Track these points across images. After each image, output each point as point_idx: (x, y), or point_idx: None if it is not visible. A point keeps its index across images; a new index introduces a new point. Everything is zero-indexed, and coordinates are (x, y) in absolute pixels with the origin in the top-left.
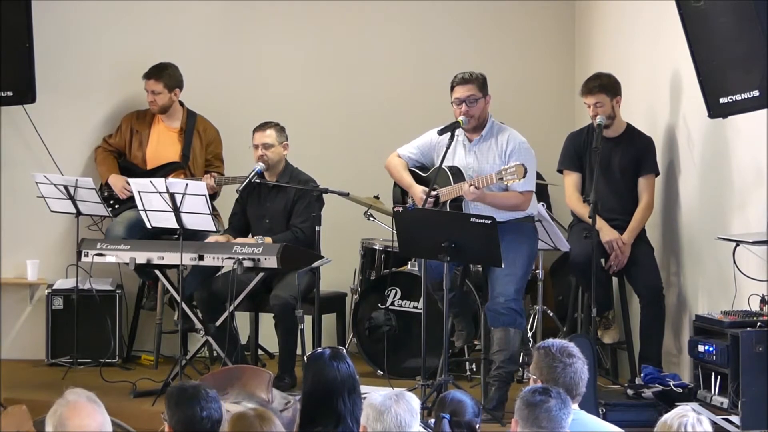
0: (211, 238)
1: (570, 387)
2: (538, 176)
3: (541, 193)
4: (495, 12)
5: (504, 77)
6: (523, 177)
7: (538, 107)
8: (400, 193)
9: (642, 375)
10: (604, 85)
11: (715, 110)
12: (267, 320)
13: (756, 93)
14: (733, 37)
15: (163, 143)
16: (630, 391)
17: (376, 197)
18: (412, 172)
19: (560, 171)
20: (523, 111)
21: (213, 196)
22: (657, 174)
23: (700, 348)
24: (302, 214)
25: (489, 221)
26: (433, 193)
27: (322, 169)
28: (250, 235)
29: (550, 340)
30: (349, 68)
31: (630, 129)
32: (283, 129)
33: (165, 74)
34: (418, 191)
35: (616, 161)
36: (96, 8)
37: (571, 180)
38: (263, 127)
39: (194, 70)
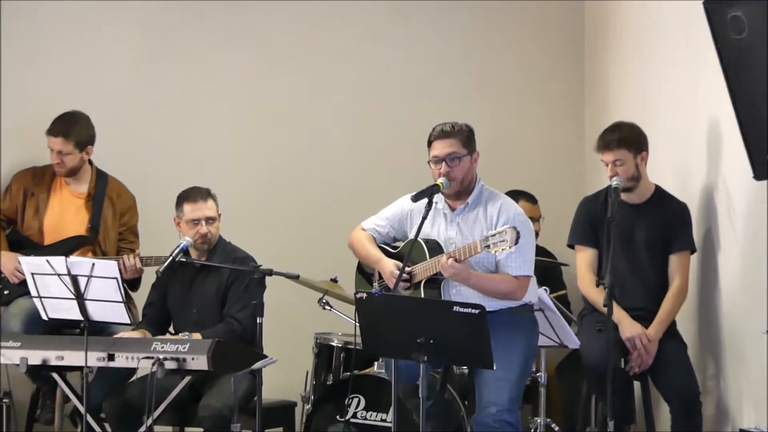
0: (122, 335)
1: None
2: (548, 254)
3: (550, 276)
4: (486, 45)
5: (496, 128)
6: (515, 243)
7: (539, 166)
8: (365, 279)
9: None
10: (625, 139)
11: (762, 170)
12: None
13: None
14: None
15: (66, 211)
16: None
17: (334, 280)
18: (380, 249)
19: (571, 246)
20: (520, 172)
21: (134, 282)
22: (693, 251)
23: None
24: (239, 300)
25: (477, 311)
26: (408, 269)
27: (263, 246)
28: (170, 331)
29: None
30: (298, 117)
31: (659, 193)
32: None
33: (75, 130)
34: (388, 266)
35: (640, 234)
36: None
37: (585, 258)
38: (202, 196)
39: (101, 120)
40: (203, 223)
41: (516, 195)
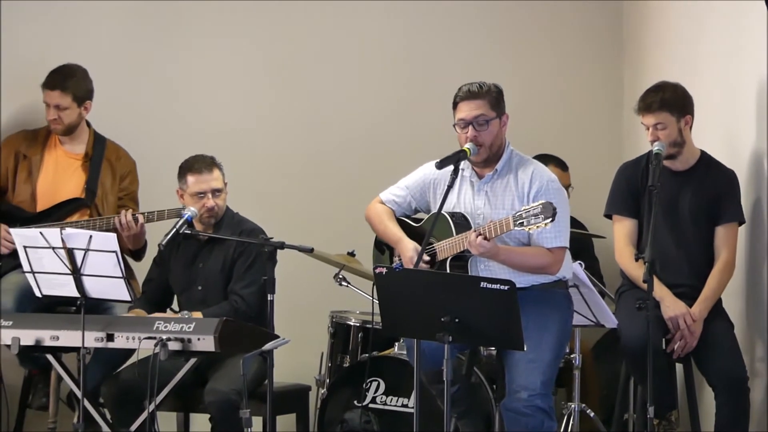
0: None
1: None
2: (579, 224)
3: (582, 250)
4: (516, 12)
5: (527, 88)
6: (551, 220)
7: (573, 129)
8: (384, 252)
9: None
10: (668, 100)
11: None
12: (201, 423)
13: None
14: None
15: (61, 173)
16: None
17: (351, 254)
18: (401, 223)
19: (608, 216)
20: (552, 135)
21: (138, 252)
22: (741, 222)
23: None
24: (245, 276)
25: (506, 287)
26: (429, 249)
27: (274, 217)
28: (173, 308)
29: None
30: (312, 77)
31: (705, 160)
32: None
33: (73, 82)
34: (408, 248)
35: (684, 204)
36: None
37: (624, 229)
38: (207, 166)
39: (98, 81)
40: (209, 196)
41: (544, 159)
